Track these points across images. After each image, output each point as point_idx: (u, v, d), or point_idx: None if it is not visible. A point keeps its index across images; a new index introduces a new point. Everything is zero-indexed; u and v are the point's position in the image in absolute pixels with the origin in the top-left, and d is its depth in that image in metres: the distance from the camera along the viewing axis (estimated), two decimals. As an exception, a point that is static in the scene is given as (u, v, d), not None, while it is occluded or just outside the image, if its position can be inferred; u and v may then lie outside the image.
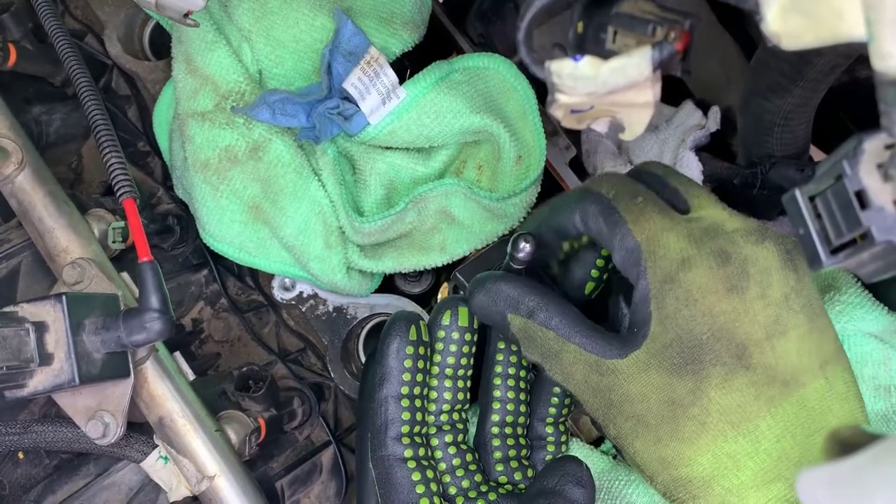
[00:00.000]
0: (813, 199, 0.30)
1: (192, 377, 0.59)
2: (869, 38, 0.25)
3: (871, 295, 0.51)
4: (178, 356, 0.59)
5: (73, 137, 0.71)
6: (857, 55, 0.52)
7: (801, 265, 0.40)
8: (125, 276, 0.58)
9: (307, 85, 0.60)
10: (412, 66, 0.62)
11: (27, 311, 0.47)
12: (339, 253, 0.60)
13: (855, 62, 0.55)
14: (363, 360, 0.64)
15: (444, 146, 0.60)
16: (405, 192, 0.61)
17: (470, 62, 0.61)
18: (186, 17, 0.46)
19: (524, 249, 0.44)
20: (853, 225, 0.28)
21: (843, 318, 0.50)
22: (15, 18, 0.65)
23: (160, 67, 0.68)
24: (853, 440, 0.27)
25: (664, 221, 0.39)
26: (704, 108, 0.68)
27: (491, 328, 0.49)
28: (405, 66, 0.63)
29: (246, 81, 0.59)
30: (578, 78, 0.33)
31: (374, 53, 0.56)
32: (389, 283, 0.68)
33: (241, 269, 0.71)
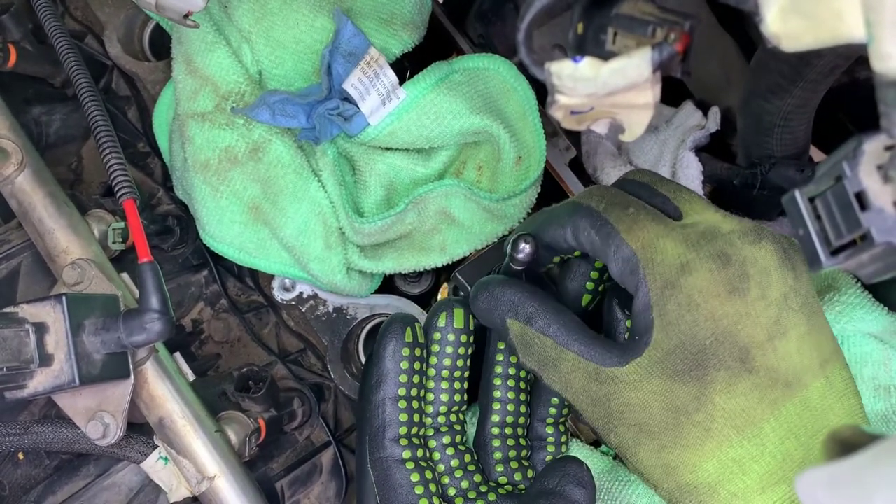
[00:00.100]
0: (813, 199, 0.30)
1: (192, 378, 0.59)
2: (868, 39, 0.25)
3: (870, 295, 0.51)
4: (178, 357, 0.59)
5: (73, 138, 0.71)
6: (856, 56, 0.52)
7: (798, 264, 0.39)
8: (125, 276, 0.58)
9: (307, 86, 0.60)
10: (412, 66, 0.62)
11: (27, 311, 0.47)
12: (339, 253, 0.60)
13: (855, 63, 0.55)
14: (363, 360, 0.64)
15: (444, 147, 0.60)
16: (405, 192, 0.61)
17: (470, 63, 0.61)
18: (186, 17, 0.46)
19: (524, 250, 0.43)
20: (853, 226, 0.28)
21: (842, 318, 0.50)
22: (15, 19, 0.65)
23: (160, 68, 0.68)
24: (853, 440, 0.27)
25: (658, 228, 0.39)
26: (704, 108, 0.68)
27: (490, 329, 0.49)
28: (405, 66, 0.63)
29: (246, 82, 0.59)
30: (578, 79, 0.33)
31: (374, 54, 0.56)
32: (389, 283, 0.68)
33: (241, 269, 0.71)
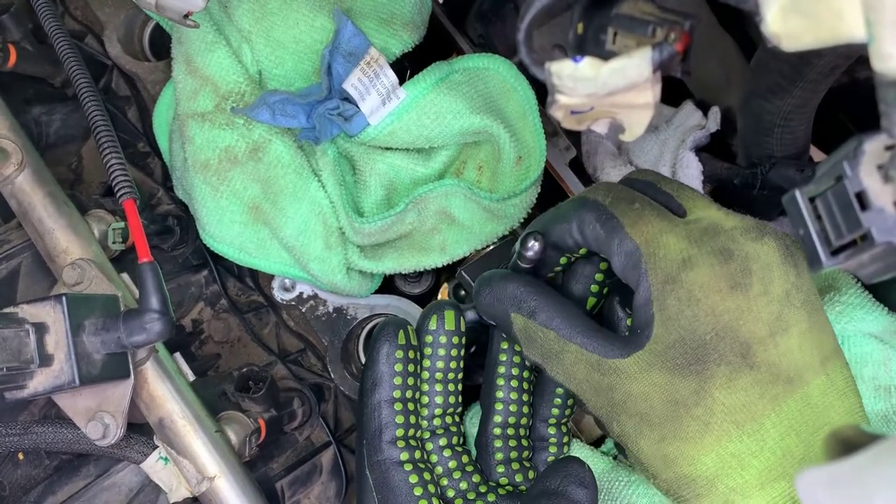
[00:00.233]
0: (813, 199, 0.30)
1: (192, 378, 0.59)
2: (869, 39, 0.25)
3: (871, 295, 0.51)
4: (178, 357, 0.59)
5: (73, 138, 0.71)
6: (856, 56, 0.52)
7: (800, 261, 0.39)
8: (125, 276, 0.58)
9: (307, 86, 0.60)
10: (412, 66, 0.62)
11: (27, 312, 0.47)
12: (339, 253, 0.60)
13: (855, 63, 0.55)
14: (363, 360, 0.64)
15: (444, 147, 0.60)
16: (405, 192, 0.61)
17: (470, 63, 0.61)
18: (186, 17, 0.46)
19: (533, 248, 0.43)
20: (853, 226, 0.28)
21: (843, 318, 0.50)
22: (15, 19, 0.65)
23: (160, 68, 0.68)
24: (853, 440, 0.27)
25: (662, 223, 0.39)
26: (704, 108, 0.68)
27: (494, 329, 0.49)
28: (405, 66, 0.63)
29: (246, 82, 0.59)
30: (578, 79, 0.33)
31: (374, 54, 0.56)
32: (389, 283, 0.68)
33: (241, 269, 0.71)
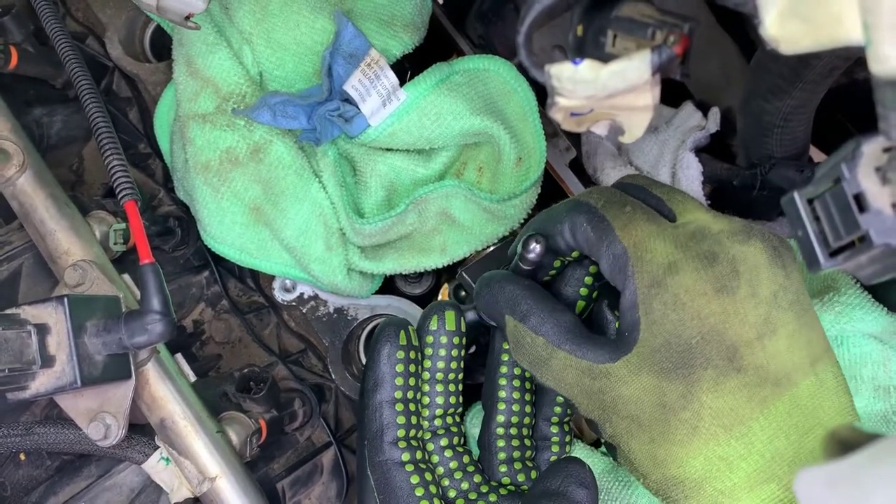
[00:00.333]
0: (811, 201, 0.30)
1: (193, 379, 0.59)
2: (866, 42, 0.26)
3: (870, 296, 0.51)
4: (179, 358, 0.59)
5: (74, 139, 0.71)
6: (855, 58, 0.52)
7: (788, 262, 0.39)
8: (126, 277, 0.58)
9: (308, 87, 0.61)
10: (412, 67, 0.62)
11: (29, 313, 0.47)
12: (339, 254, 0.60)
13: (854, 63, 0.55)
14: (364, 361, 0.64)
15: (444, 148, 0.60)
16: (406, 193, 0.61)
17: (470, 64, 0.61)
18: (187, 19, 0.46)
19: (534, 250, 0.43)
20: (851, 228, 0.28)
21: (842, 318, 0.50)
22: (16, 21, 0.65)
23: (161, 69, 0.68)
24: (852, 440, 0.27)
25: (651, 227, 0.40)
26: (704, 109, 0.68)
27: (495, 329, 0.49)
28: (406, 67, 0.63)
29: (247, 83, 0.60)
30: (578, 81, 0.33)
31: (374, 55, 0.56)
32: (390, 284, 0.68)
33: (241, 270, 0.71)
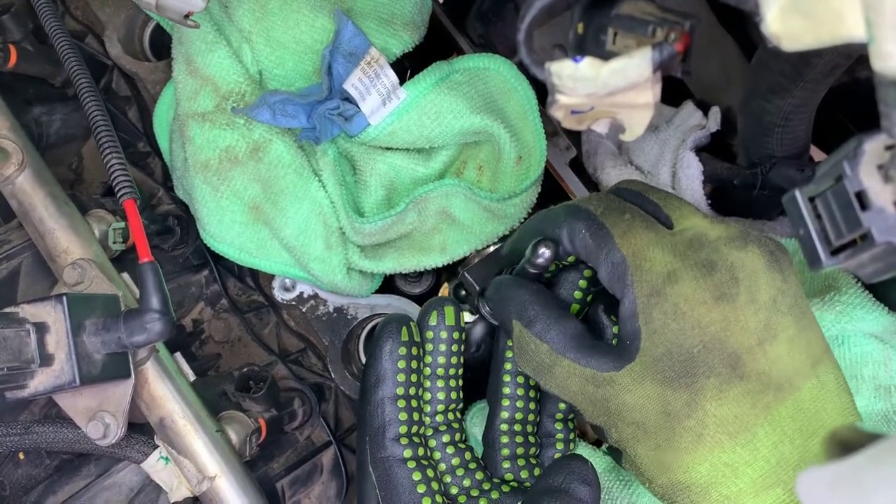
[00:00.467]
0: (813, 199, 0.30)
1: (192, 378, 0.59)
2: (869, 39, 0.25)
3: (871, 295, 0.51)
4: (178, 357, 0.59)
5: (73, 138, 0.71)
6: (857, 56, 0.52)
7: (785, 266, 0.39)
8: (126, 276, 0.58)
9: (307, 86, 0.60)
10: (412, 66, 0.62)
11: (28, 311, 0.47)
12: (339, 253, 0.60)
13: (855, 62, 0.55)
14: (364, 360, 0.64)
15: (444, 147, 0.60)
16: (405, 192, 0.61)
17: (470, 63, 0.61)
18: (187, 18, 0.46)
19: (543, 255, 0.43)
20: (853, 226, 0.28)
21: (843, 318, 0.50)
22: (15, 19, 0.65)
23: (160, 68, 0.68)
24: (853, 440, 0.27)
25: (650, 236, 0.40)
26: (705, 108, 0.68)
27: (498, 329, 0.49)
28: (405, 66, 0.63)
29: (246, 82, 0.60)
30: (579, 79, 0.33)
31: (374, 54, 0.56)
32: (390, 283, 0.68)
33: (241, 269, 0.71)
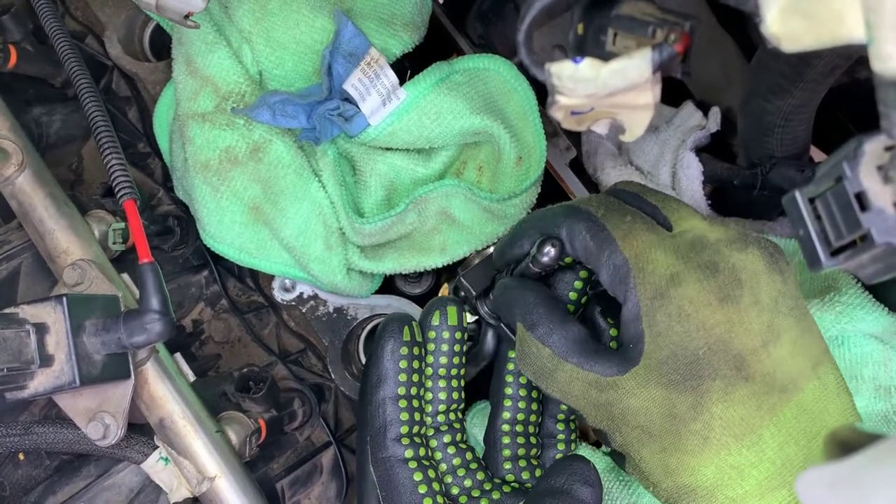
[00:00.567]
0: (813, 200, 0.30)
1: (192, 378, 0.59)
2: (868, 40, 0.25)
3: (871, 296, 0.51)
4: (178, 357, 0.59)
5: (73, 138, 0.71)
6: (856, 57, 0.52)
7: (784, 268, 0.39)
8: (125, 277, 0.58)
9: (307, 86, 0.60)
10: (412, 67, 0.62)
11: (28, 312, 0.47)
12: (339, 254, 0.60)
13: (855, 63, 0.55)
14: (364, 361, 0.64)
15: (444, 147, 0.60)
16: (405, 193, 0.61)
17: (470, 63, 0.61)
18: (187, 18, 0.46)
19: (549, 254, 0.42)
20: (853, 227, 0.27)
21: (843, 318, 0.50)
22: (15, 20, 0.65)
23: (160, 69, 0.68)
24: (853, 440, 0.27)
25: (652, 238, 0.39)
26: (705, 108, 0.68)
27: (502, 327, 0.49)
28: (405, 67, 0.63)
29: (246, 83, 0.60)
30: (578, 80, 0.33)
31: (374, 55, 0.56)
32: (390, 284, 0.68)
33: (241, 270, 0.71)
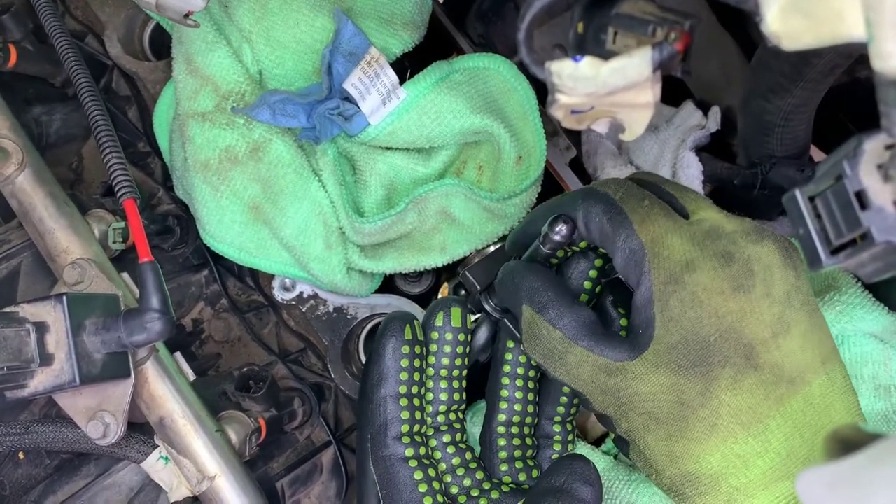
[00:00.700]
0: (813, 199, 0.30)
1: (192, 377, 0.59)
2: (869, 38, 0.25)
3: (871, 295, 0.51)
4: (178, 356, 0.59)
5: (73, 138, 0.71)
6: (856, 55, 0.52)
7: (798, 263, 0.40)
8: (125, 276, 0.58)
9: (307, 85, 0.61)
10: (412, 66, 0.62)
11: (28, 311, 0.47)
12: (339, 253, 0.60)
13: (855, 62, 0.55)
14: (364, 360, 0.64)
15: (444, 146, 0.60)
16: (405, 192, 0.61)
17: (470, 62, 0.61)
18: (187, 17, 0.46)
19: (560, 231, 0.41)
20: (853, 225, 0.27)
21: (843, 318, 0.50)
22: (15, 19, 0.65)
23: (160, 68, 0.68)
24: (853, 439, 0.27)
25: (669, 223, 0.40)
26: (705, 108, 0.68)
27: (501, 327, 0.49)
28: (405, 66, 0.63)
29: (246, 82, 0.60)
30: (579, 78, 0.33)
31: (374, 54, 0.56)
32: (390, 283, 0.68)
33: (241, 269, 0.71)
